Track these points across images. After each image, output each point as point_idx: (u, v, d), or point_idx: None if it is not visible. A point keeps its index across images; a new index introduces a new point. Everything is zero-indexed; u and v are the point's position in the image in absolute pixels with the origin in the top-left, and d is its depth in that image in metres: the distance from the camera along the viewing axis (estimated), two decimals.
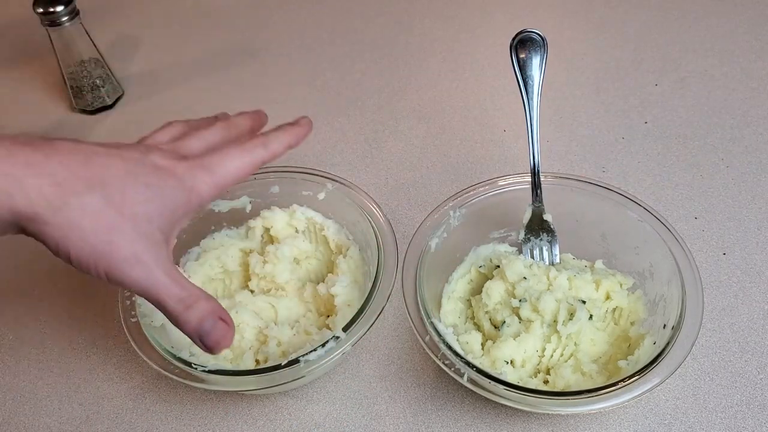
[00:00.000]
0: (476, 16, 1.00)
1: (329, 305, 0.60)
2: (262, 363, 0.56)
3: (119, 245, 0.39)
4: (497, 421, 0.55)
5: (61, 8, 0.79)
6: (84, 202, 0.38)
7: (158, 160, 0.43)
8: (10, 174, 0.37)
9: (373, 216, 0.60)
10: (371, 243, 0.59)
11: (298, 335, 0.58)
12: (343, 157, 0.80)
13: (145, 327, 0.54)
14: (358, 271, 0.61)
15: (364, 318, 0.53)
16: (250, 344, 0.57)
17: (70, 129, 0.88)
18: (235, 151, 0.46)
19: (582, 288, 0.58)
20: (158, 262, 0.41)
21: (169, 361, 0.52)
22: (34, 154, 0.38)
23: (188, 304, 0.41)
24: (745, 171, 0.73)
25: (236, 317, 0.57)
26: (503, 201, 0.61)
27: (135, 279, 0.40)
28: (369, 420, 0.57)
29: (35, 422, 0.59)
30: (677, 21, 0.95)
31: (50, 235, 0.38)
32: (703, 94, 0.83)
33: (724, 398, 0.55)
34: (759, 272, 0.64)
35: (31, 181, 0.37)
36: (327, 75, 0.92)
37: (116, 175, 0.40)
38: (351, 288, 0.59)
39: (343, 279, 0.59)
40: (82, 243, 0.39)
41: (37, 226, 0.38)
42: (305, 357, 0.51)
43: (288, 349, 0.57)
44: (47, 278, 0.70)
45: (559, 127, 0.81)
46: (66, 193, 0.38)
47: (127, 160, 0.41)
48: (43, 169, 0.38)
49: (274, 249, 0.62)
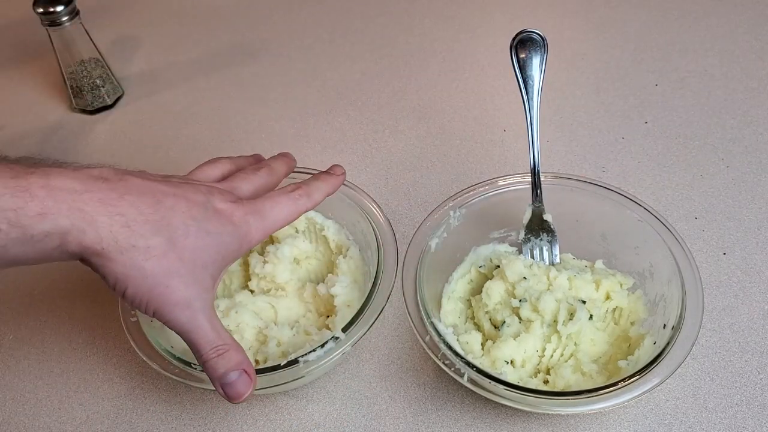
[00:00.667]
0: (476, 16, 1.00)
1: (329, 305, 0.60)
2: (261, 363, 0.56)
3: (174, 289, 0.42)
4: (497, 421, 0.55)
5: (61, 8, 0.79)
6: (149, 245, 0.41)
7: (219, 204, 0.45)
8: (85, 210, 0.39)
9: (373, 216, 0.60)
10: (371, 243, 0.59)
11: (297, 335, 0.58)
12: (343, 157, 0.80)
13: (145, 327, 0.54)
14: (358, 271, 0.61)
15: (364, 318, 0.53)
16: (249, 345, 0.57)
17: (70, 129, 0.88)
18: (284, 200, 0.49)
19: (582, 288, 0.58)
20: (204, 308, 0.44)
21: (169, 361, 0.52)
22: (109, 192, 0.40)
23: (220, 352, 0.44)
24: (745, 171, 0.73)
25: (236, 317, 0.57)
26: (503, 201, 0.61)
27: (181, 322, 0.43)
28: (369, 420, 0.57)
29: (35, 422, 0.59)
30: (677, 21, 0.95)
31: (112, 272, 0.41)
32: (703, 94, 0.83)
33: (724, 398, 0.55)
34: (759, 272, 0.64)
35: (102, 219, 0.40)
36: (327, 75, 0.92)
37: (181, 220, 0.43)
38: (351, 288, 0.59)
39: (343, 279, 0.59)
40: (141, 283, 0.41)
41: (101, 261, 0.40)
42: (304, 357, 0.51)
43: (288, 350, 0.57)
44: (47, 278, 0.70)
45: (559, 127, 0.81)
46: (134, 235, 0.40)
47: (192, 203, 0.44)
48: (115, 208, 0.40)
49: (274, 249, 0.62)
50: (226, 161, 0.53)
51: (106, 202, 0.40)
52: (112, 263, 0.40)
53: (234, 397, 0.44)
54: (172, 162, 0.82)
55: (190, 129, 0.86)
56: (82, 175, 0.40)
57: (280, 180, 0.54)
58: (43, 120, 0.90)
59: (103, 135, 0.87)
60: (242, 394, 0.44)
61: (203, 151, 0.83)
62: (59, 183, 0.39)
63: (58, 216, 0.38)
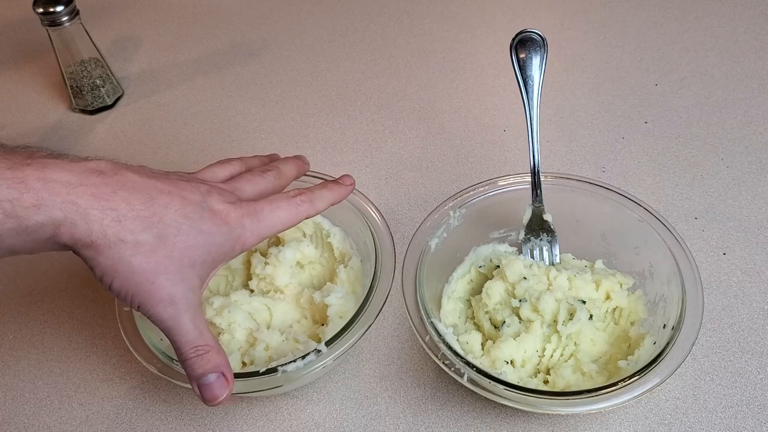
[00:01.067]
0: (476, 16, 1.00)
1: (323, 314, 0.59)
2: (248, 366, 0.56)
3: (160, 286, 0.42)
4: (497, 421, 0.55)
5: (61, 8, 0.79)
6: (138, 241, 0.41)
7: (215, 204, 0.45)
8: (78, 204, 0.40)
9: (373, 221, 0.60)
10: (371, 255, 0.58)
11: (287, 342, 0.57)
12: (343, 157, 0.80)
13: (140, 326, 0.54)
14: (357, 282, 0.60)
15: (350, 333, 0.52)
16: (239, 345, 0.57)
17: (70, 129, 0.88)
18: (284, 204, 0.49)
19: (582, 288, 0.58)
20: (188, 307, 0.44)
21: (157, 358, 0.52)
22: (102, 187, 0.41)
23: (200, 353, 0.44)
24: (745, 171, 0.73)
25: (228, 316, 0.57)
26: (503, 201, 0.61)
27: (164, 318, 0.43)
28: (369, 420, 0.57)
29: (35, 422, 0.59)
30: (677, 21, 0.95)
31: (99, 265, 0.41)
32: (703, 94, 0.83)
33: (724, 398, 0.55)
34: (759, 272, 0.64)
35: (95, 213, 0.40)
36: (327, 75, 0.92)
37: (173, 218, 0.43)
38: (346, 299, 0.58)
39: (339, 290, 0.58)
40: (128, 278, 0.42)
41: (90, 254, 0.41)
42: (284, 367, 0.51)
43: (274, 355, 0.56)
44: (47, 278, 0.70)
45: (559, 127, 0.81)
46: (124, 230, 0.41)
47: (187, 202, 0.44)
48: (107, 203, 0.41)
49: (277, 252, 0.61)
50: (237, 162, 0.53)
51: (99, 197, 0.41)
52: (101, 256, 0.41)
53: (209, 399, 0.44)
54: (172, 162, 0.82)
55: (190, 129, 0.86)
56: (78, 168, 0.41)
57: (287, 183, 0.54)
58: (43, 120, 0.90)
59: (102, 135, 0.87)
60: (218, 396, 0.44)
61: (203, 151, 0.83)
62: (55, 175, 0.40)
63: (53, 208, 0.39)
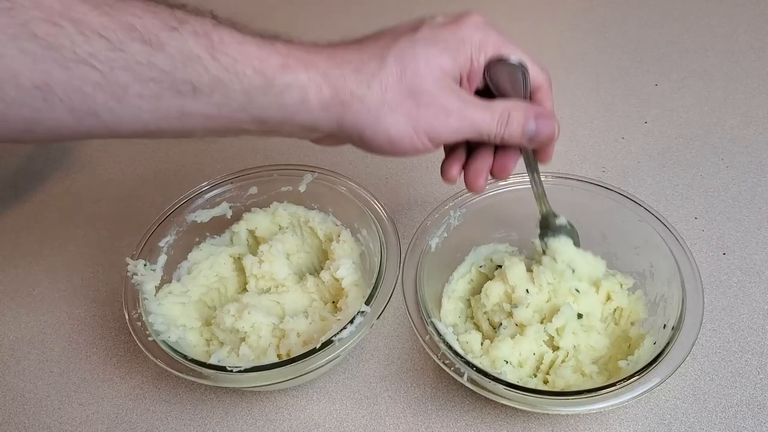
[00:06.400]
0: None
1: (334, 290, 0.61)
2: (284, 357, 0.57)
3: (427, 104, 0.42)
4: (497, 421, 0.55)
5: None
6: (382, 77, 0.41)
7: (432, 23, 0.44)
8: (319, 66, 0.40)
9: (378, 215, 0.61)
10: (365, 222, 0.60)
11: (314, 323, 0.59)
12: (344, 157, 0.80)
13: (162, 345, 0.53)
14: (354, 252, 0.62)
15: (382, 291, 0.55)
16: (268, 342, 0.58)
17: None
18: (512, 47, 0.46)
19: (583, 300, 0.58)
20: (465, 104, 0.43)
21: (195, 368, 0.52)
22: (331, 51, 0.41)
23: (503, 121, 0.44)
24: (745, 171, 0.73)
25: (249, 318, 0.58)
26: (503, 201, 0.61)
27: (454, 129, 0.43)
28: (369, 420, 0.57)
29: (35, 422, 0.59)
30: (677, 21, 0.95)
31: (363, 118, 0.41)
32: (703, 94, 0.83)
33: (724, 398, 0.55)
34: (759, 272, 0.64)
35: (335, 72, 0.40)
36: None
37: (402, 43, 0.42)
38: (354, 269, 0.60)
39: (346, 262, 0.60)
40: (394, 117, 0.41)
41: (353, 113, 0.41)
42: (338, 336, 0.52)
43: (308, 339, 0.57)
44: (47, 278, 0.70)
45: (560, 127, 0.80)
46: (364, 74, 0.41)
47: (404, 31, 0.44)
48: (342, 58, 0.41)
49: (268, 247, 0.62)
50: None
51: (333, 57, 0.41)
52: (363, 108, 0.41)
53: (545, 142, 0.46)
54: (172, 162, 0.82)
55: None
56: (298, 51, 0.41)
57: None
58: None
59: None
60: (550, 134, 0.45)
61: (203, 151, 0.82)
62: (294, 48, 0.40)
63: (298, 70, 0.39)
